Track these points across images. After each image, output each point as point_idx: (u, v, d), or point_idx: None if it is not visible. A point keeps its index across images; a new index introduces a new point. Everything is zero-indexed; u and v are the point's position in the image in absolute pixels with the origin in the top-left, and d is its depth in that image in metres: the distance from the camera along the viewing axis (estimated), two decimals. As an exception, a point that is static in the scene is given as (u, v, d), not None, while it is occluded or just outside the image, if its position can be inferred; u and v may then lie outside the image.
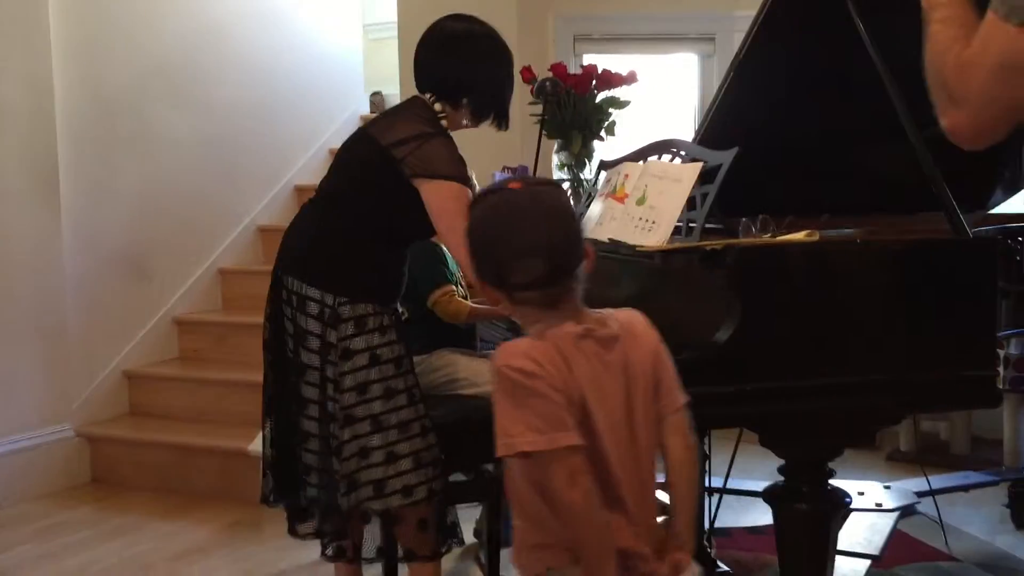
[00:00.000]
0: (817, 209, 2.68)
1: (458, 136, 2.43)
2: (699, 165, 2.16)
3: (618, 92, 2.98)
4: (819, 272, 1.83)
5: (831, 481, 1.94)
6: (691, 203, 2.12)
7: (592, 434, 1.44)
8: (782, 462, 1.95)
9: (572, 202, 1.57)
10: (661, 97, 4.57)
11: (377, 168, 2.20)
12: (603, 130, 2.97)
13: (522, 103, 2.94)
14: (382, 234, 2.24)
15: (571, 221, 1.53)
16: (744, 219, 2.03)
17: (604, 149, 3.05)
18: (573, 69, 3.41)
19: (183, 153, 4.42)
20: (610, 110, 2.96)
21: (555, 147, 3.01)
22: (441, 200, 2.17)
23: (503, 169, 4.29)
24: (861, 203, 2.68)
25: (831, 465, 1.94)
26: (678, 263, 1.95)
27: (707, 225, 2.13)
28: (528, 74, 2.99)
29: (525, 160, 3.48)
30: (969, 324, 1.88)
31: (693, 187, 2.13)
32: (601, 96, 2.95)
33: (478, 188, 3.11)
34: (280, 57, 5.06)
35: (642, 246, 2.09)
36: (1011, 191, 3.10)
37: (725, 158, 2.11)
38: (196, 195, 4.47)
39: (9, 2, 3.63)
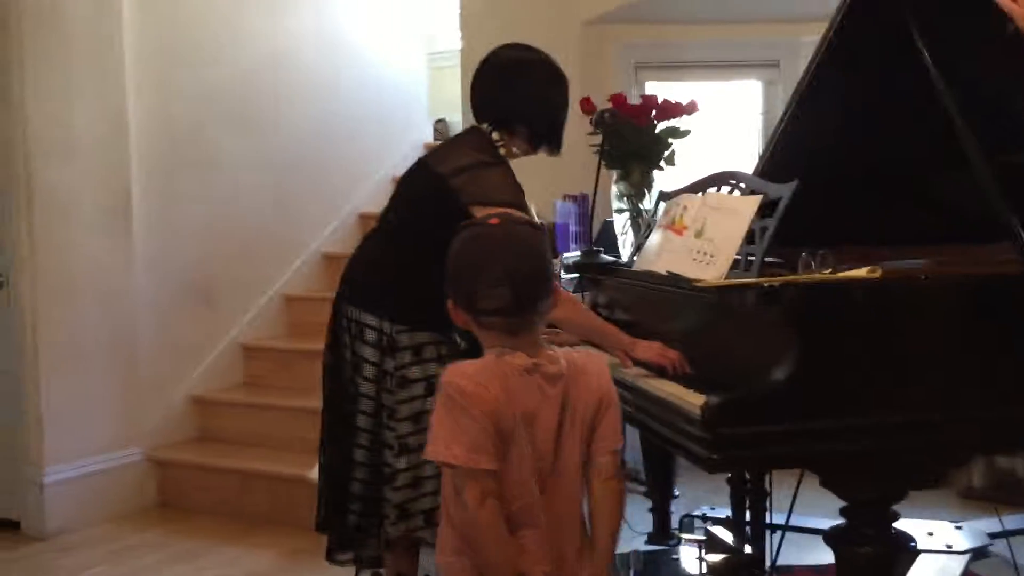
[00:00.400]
0: (886, 240, 2.63)
1: (517, 166, 2.44)
2: (758, 198, 2.14)
3: (678, 122, 2.95)
4: (881, 309, 1.78)
5: (897, 522, 1.88)
6: (751, 236, 2.10)
7: (518, 461, 1.56)
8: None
9: (545, 244, 1.67)
10: (724, 124, 4.53)
11: (436, 197, 2.22)
12: (663, 160, 2.94)
13: (581, 132, 2.94)
14: (441, 263, 2.26)
15: (539, 260, 1.63)
16: (804, 254, 1.99)
17: (665, 179, 3.02)
18: (635, 98, 3.41)
19: (249, 180, 4.51)
20: (670, 140, 2.93)
21: (614, 177, 2.99)
22: None
23: (563, 198, 4.30)
24: (935, 233, 2.62)
25: (898, 505, 1.88)
26: (735, 299, 1.92)
27: (767, 259, 2.11)
28: (588, 104, 2.99)
29: (585, 189, 3.48)
30: (1039, 363, 1.81)
31: (752, 220, 2.11)
32: (661, 126, 2.93)
33: (536, 217, 3.12)
34: (344, 84, 5.15)
35: (700, 280, 2.06)
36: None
37: (785, 191, 2.09)
38: (261, 222, 4.56)
39: (85, 38, 3.76)
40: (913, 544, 1.90)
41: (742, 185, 2.29)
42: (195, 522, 3.73)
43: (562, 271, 3.52)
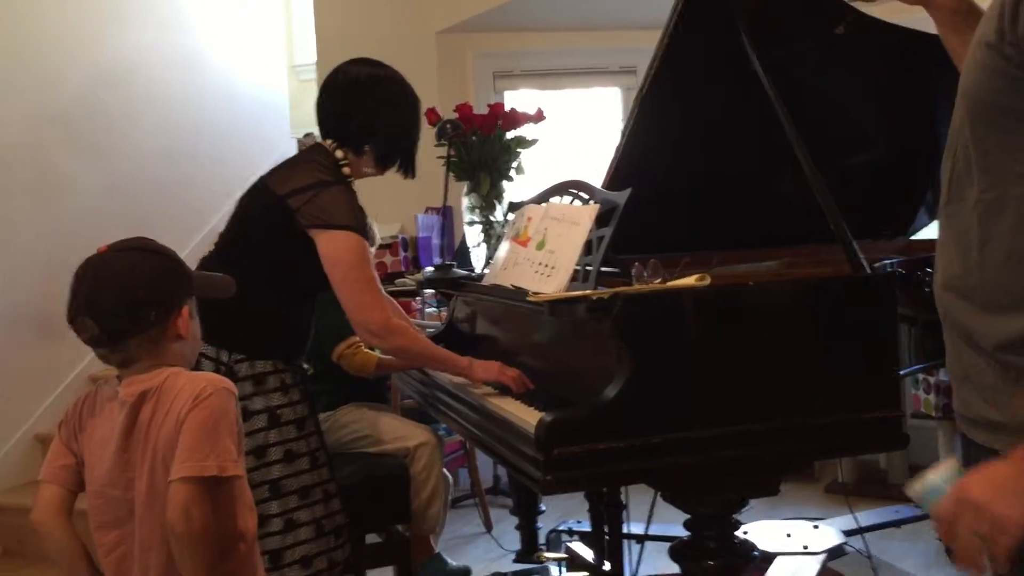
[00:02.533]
0: (743, 243, 2.64)
1: (382, 179, 2.33)
2: (596, 207, 2.09)
3: (526, 130, 2.90)
4: (709, 317, 1.75)
5: (756, 524, 1.85)
6: (590, 246, 2.05)
7: (96, 487, 1.58)
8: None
9: (155, 274, 1.60)
10: (586, 132, 4.53)
11: (273, 219, 2.11)
12: (512, 170, 2.89)
13: (428, 144, 2.86)
14: (280, 287, 2.15)
15: (129, 288, 1.56)
16: (636, 263, 1.95)
17: (519, 189, 2.97)
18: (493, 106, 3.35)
19: (92, 203, 4.27)
20: (518, 150, 2.88)
21: (464, 189, 2.92)
22: (335, 250, 2.08)
23: (426, 210, 4.23)
24: (792, 233, 2.64)
25: (766, 502, 1.85)
26: (565, 313, 1.87)
27: (605, 269, 2.07)
28: (433, 115, 2.91)
29: (439, 201, 3.40)
30: (869, 363, 1.81)
31: (591, 230, 2.06)
32: (509, 135, 2.87)
33: (379, 237, 3.03)
34: (197, 99, 4.95)
35: (536, 293, 2.00)
36: (935, 215, 3.07)
37: (620, 199, 2.05)
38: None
39: None
40: (756, 552, 1.89)
41: (583, 195, 2.25)
42: (41, 570, 3.48)
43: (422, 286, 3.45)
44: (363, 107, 2.22)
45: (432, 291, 3.58)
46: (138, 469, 1.54)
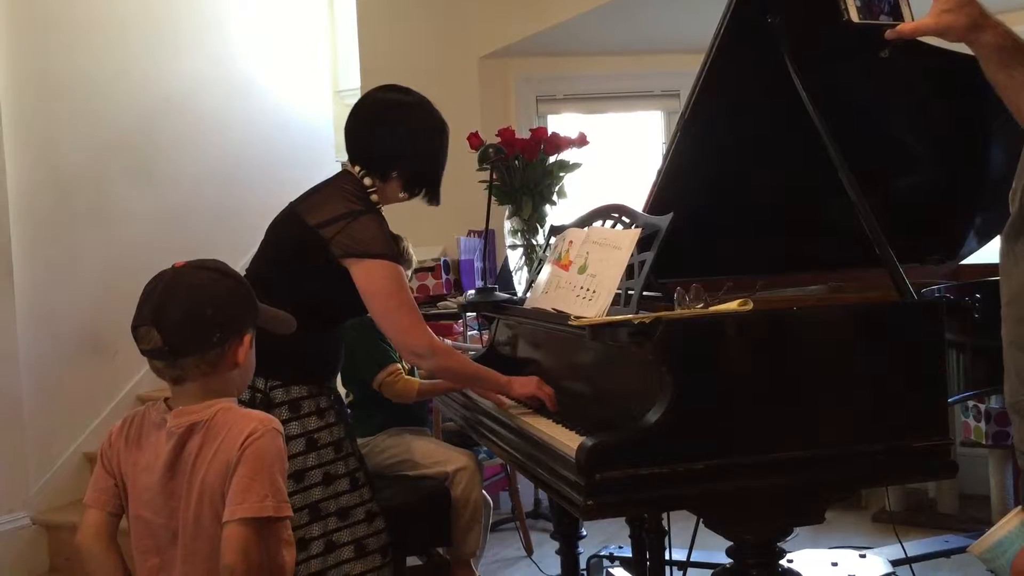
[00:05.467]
0: (778, 268, 2.61)
1: (419, 203, 2.35)
2: (638, 231, 2.09)
3: (568, 155, 2.91)
4: (752, 343, 1.74)
5: (803, 552, 1.82)
6: (632, 270, 2.05)
7: (134, 512, 1.60)
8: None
9: (226, 295, 1.61)
10: (628, 156, 4.53)
11: (306, 248, 2.13)
12: (555, 194, 2.90)
13: (470, 168, 2.89)
14: (313, 315, 2.16)
15: (199, 307, 1.56)
16: (679, 288, 1.94)
17: (560, 213, 2.98)
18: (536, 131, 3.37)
19: (146, 228, 4.36)
20: (560, 174, 2.89)
21: (506, 212, 2.94)
22: (371, 280, 2.10)
23: (468, 234, 4.24)
24: (839, 257, 2.61)
25: (812, 530, 1.81)
26: (607, 337, 1.86)
27: (647, 294, 2.07)
28: (476, 140, 2.94)
29: (481, 224, 3.42)
30: (916, 390, 1.78)
31: (633, 254, 2.06)
32: (551, 160, 2.88)
33: (414, 257, 3.05)
34: (245, 126, 5.03)
35: (579, 317, 2.00)
36: (985, 238, 3.02)
37: (662, 223, 2.04)
38: (160, 270, 4.38)
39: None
40: (801, 582, 1.86)
41: (625, 219, 2.25)
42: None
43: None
44: (389, 134, 2.23)
45: (474, 314, 3.59)
46: (183, 500, 1.55)
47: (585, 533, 2.88)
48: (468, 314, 3.73)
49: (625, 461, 1.64)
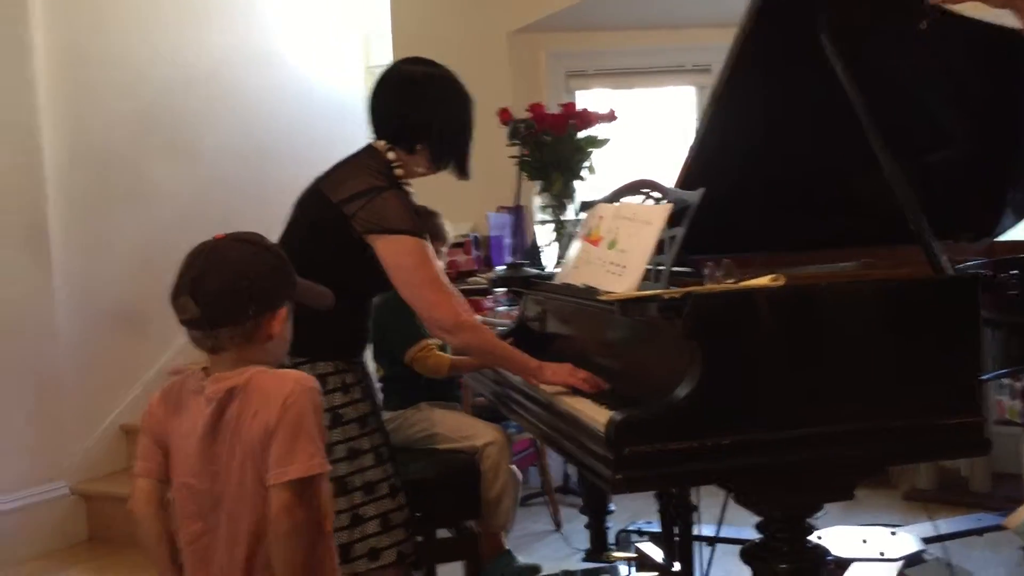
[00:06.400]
0: (820, 243, 2.59)
1: (448, 179, 2.35)
2: (669, 207, 2.08)
3: (597, 130, 2.90)
4: (783, 318, 1.72)
5: (834, 529, 1.81)
6: (662, 246, 2.04)
7: (178, 478, 1.63)
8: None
9: (267, 268, 1.64)
10: (660, 131, 4.49)
11: (329, 225, 2.14)
12: (585, 169, 2.89)
13: (500, 143, 2.88)
14: (340, 290, 2.16)
15: (237, 278, 1.59)
16: (709, 263, 1.93)
17: (590, 188, 2.98)
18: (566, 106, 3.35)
19: (180, 203, 4.41)
20: (590, 149, 2.88)
21: (536, 188, 2.94)
22: (395, 255, 2.10)
23: (497, 209, 4.25)
24: (869, 234, 2.58)
25: (842, 507, 1.80)
26: (637, 312, 1.86)
27: (678, 269, 2.06)
28: (506, 115, 2.93)
29: (511, 200, 3.42)
30: (950, 367, 1.77)
31: (663, 229, 2.05)
32: (581, 135, 2.87)
33: (450, 233, 3.06)
34: (278, 101, 5.05)
35: (608, 292, 2.00)
36: (1020, 216, 2.98)
37: (693, 198, 2.03)
38: (194, 245, 4.42)
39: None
40: (830, 558, 1.85)
41: (655, 194, 2.24)
42: (126, 556, 3.60)
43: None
44: (416, 106, 2.22)
45: (504, 289, 3.60)
46: (225, 465, 1.58)
47: (614, 508, 2.90)
48: (498, 290, 3.74)
49: (654, 436, 1.65)
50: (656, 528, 2.87)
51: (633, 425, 1.64)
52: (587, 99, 4.33)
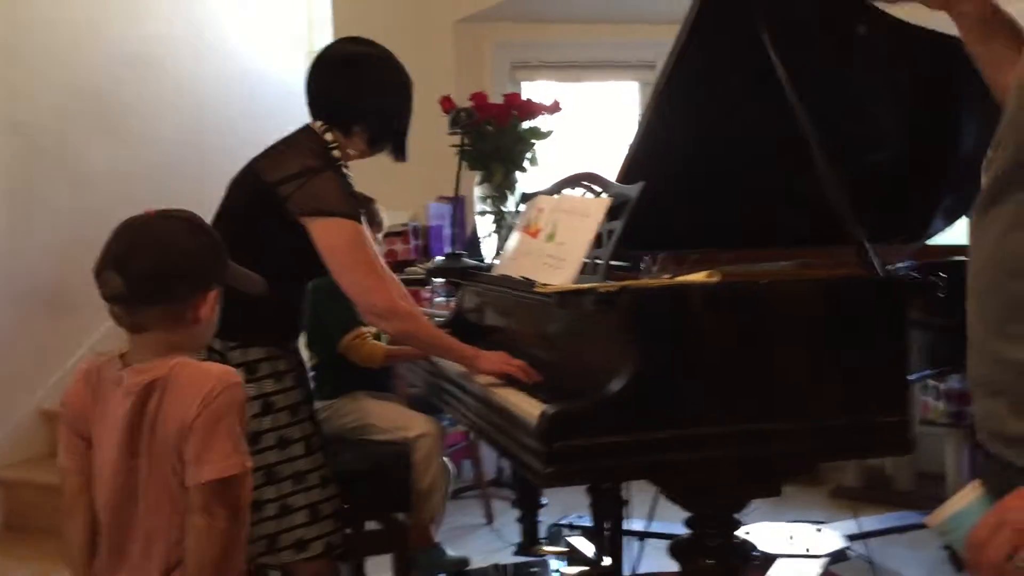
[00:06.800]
0: (758, 242, 2.61)
1: (390, 166, 2.31)
2: (608, 200, 2.07)
3: (541, 122, 2.88)
4: (718, 314, 1.73)
5: (759, 525, 1.83)
6: (601, 239, 2.03)
7: (97, 471, 1.56)
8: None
9: (199, 248, 1.59)
10: (603, 126, 4.50)
11: (263, 206, 2.08)
12: (527, 161, 2.87)
13: (443, 132, 2.85)
14: (273, 274, 2.11)
15: (167, 257, 1.54)
16: (646, 257, 1.93)
17: (534, 181, 2.96)
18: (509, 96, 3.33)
19: (113, 185, 4.27)
20: (533, 141, 2.86)
21: (477, 178, 2.91)
22: (330, 238, 2.06)
23: (438, 199, 4.21)
24: (809, 234, 2.60)
25: (770, 503, 1.82)
26: (573, 305, 1.85)
27: (616, 263, 2.06)
28: (448, 103, 2.90)
29: (461, 191, 3.39)
30: (878, 367, 1.79)
31: (602, 223, 2.04)
32: (524, 126, 2.86)
33: (386, 220, 3.02)
34: (217, 87, 4.93)
35: (544, 284, 1.99)
36: (951, 219, 3.03)
37: (632, 192, 2.03)
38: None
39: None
40: (757, 553, 1.87)
41: (595, 187, 2.23)
42: (44, 546, 3.48)
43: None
44: (353, 87, 2.18)
45: (442, 280, 3.57)
46: (144, 458, 1.52)
47: (546, 502, 2.89)
48: (436, 280, 3.71)
49: (586, 429, 1.64)
50: (588, 522, 2.88)
51: (564, 418, 1.63)
52: (532, 91, 4.31)
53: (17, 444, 3.85)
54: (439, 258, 3.12)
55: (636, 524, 2.59)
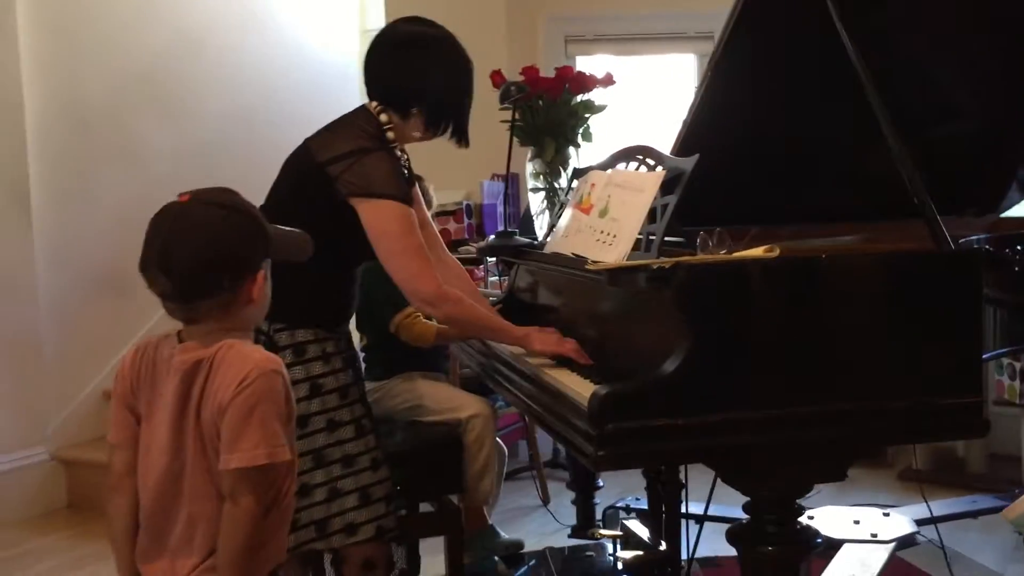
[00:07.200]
0: (822, 217, 2.52)
1: (442, 145, 2.25)
2: (661, 173, 2.00)
3: (595, 96, 2.80)
4: (776, 291, 1.65)
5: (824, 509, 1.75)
6: (654, 215, 1.96)
7: (143, 450, 1.54)
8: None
9: (238, 233, 1.52)
10: (660, 101, 4.39)
11: (313, 186, 2.05)
12: (579, 136, 2.80)
13: (497, 109, 2.79)
14: (322, 256, 2.08)
15: (209, 247, 1.48)
16: (702, 233, 1.85)
17: (587, 158, 2.88)
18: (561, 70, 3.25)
19: (168, 164, 4.31)
20: (586, 115, 2.78)
21: (528, 155, 2.85)
22: (378, 221, 2.02)
23: (492, 177, 4.16)
24: (864, 208, 2.50)
25: (835, 487, 1.74)
26: (625, 282, 1.78)
27: (670, 239, 1.98)
28: (498, 78, 2.84)
29: (515, 169, 3.33)
30: (949, 346, 1.69)
31: (656, 197, 1.97)
32: (577, 100, 2.78)
33: (436, 200, 2.97)
34: (270, 65, 4.94)
35: (596, 262, 1.92)
36: (1028, 192, 2.90)
37: (687, 165, 1.95)
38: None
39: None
40: (819, 540, 1.79)
41: (649, 161, 2.16)
42: (103, 525, 3.54)
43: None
44: (412, 68, 2.12)
45: (494, 259, 3.52)
46: (188, 438, 1.50)
47: (602, 484, 2.84)
48: (490, 259, 3.66)
49: (639, 411, 1.57)
50: (645, 505, 2.82)
51: (617, 400, 1.57)
52: (587, 65, 4.22)
53: (80, 425, 3.93)
54: (491, 237, 3.08)
55: (694, 507, 2.51)
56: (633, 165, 2.19)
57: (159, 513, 1.53)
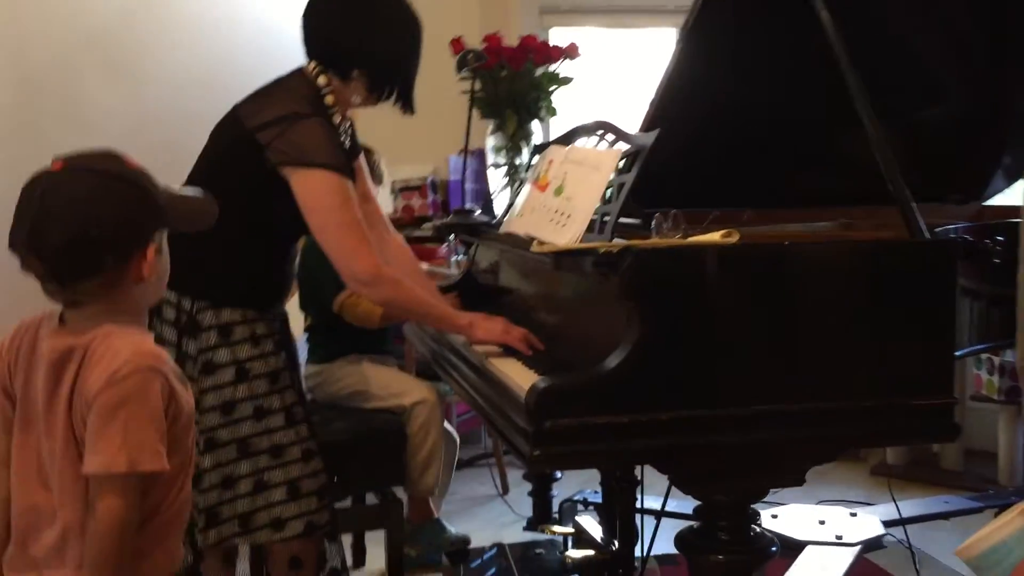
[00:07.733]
0: (796, 201, 2.39)
1: (415, 118, 2.09)
2: (619, 151, 1.85)
3: (560, 68, 2.66)
4: (734, 279, 1.51)
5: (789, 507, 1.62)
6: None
7: (16, 437, 1.39)
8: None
9: (115, 203, 1.33)
10: (639, 76, 4.24)
11: (241, 155, 1.90)
12: (542, 110, 2.65)
13: (466, 82, 2.64)
14: (251, 230, 1.93)
15: (83, 225, 1.29)
16: (657, 214, 1.71)
17: (553, 134, 2.75)
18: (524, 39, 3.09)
19: (122, 130, 4.09)
20: (550, 87, 2.64)
21: (489, 128, 2.70)
22: (310, 192, 1.86)
23: (460, 152, 4.00)
24: (840, 193, 2.38)
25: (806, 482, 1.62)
26: (572, 266, 1.64)
27: (628, 221, 1.84)
28: (458, 46, 2.68)
29: (483, 144, 3.18)
30: (920, 341, 1.56)
31: (615, 176, 1.83)
32: (540, 71, 2.63)
33: (385, 173, 2.82)
34: (231, 29, 4.75)
35: (544, 243, 1.78)
36: (1012, 179, 2.78)
37: (646, 141, 1.80)
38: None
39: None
40: (775, 547, 1.66)
41: (609, 137, 2.01)
42: None
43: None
44: (355, 26, 1.95)
45: (453, 237, 3.37)
46: (57, 437, 1.33)
47: (560, 476, 2.71)
48: (452, 237, 3.51)
49: (581, 407, 1.44)
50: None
51: (557, 394, 1.43)
52: (563, 38, 4.07)
53: None
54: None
55: (651, 502, 2.39)
56: (593, 141, 2.05)
57: (30, 511, 1.37)
